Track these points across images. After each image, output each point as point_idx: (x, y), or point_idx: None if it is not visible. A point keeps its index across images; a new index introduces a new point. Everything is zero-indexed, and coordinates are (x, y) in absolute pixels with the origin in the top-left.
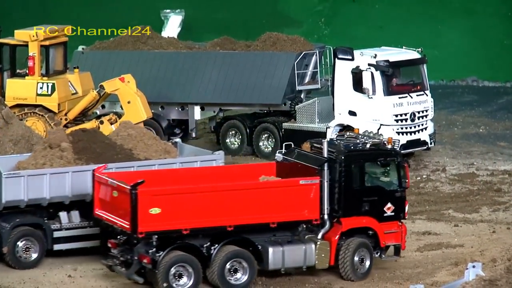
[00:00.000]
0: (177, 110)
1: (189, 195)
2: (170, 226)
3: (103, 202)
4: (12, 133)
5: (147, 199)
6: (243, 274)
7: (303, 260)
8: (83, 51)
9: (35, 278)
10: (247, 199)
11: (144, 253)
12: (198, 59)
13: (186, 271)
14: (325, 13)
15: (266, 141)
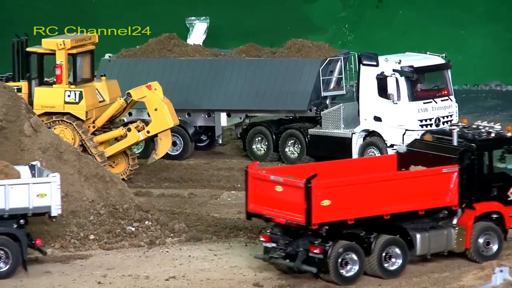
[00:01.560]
0: (203, 117)
1: (355, 186)
2: (338, 217)
3: (260, 197)
4: (40, 141)
5: (320, 192)
6: (397, 260)
7: (445, 245)
8: (110, 59)
9: (65, 285)
10: (402, 188)
11: (313, 244)
12: (224, 66)
13: (351, 259)
14: (349, 19)
15: (292, 147)
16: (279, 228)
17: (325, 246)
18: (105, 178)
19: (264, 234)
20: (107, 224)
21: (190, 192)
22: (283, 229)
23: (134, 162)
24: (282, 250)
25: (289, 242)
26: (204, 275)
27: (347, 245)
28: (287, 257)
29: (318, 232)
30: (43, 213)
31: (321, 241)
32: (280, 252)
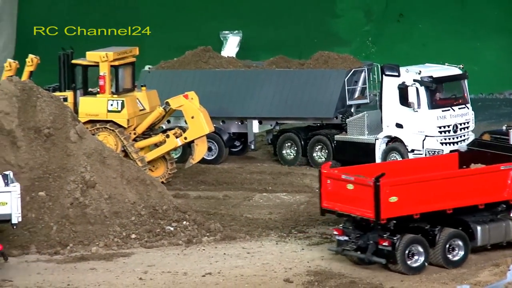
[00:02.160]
0: (237, 124)
1: (420, 183)
2: (404, 212)
3: (333, 195)
4: (85, 147)
5: (387, 190)
6: (459, 251)
7: (504, 236)
8: (150, 70)
9: (108, 281)
10: (463, 184)
11: (382, 237)
12: (256, 76)
13: (417, 251)
14: (372, 32)
15: (320, 152)
16: (350, 223)
17: (393, 239)
18: (145, 181)
19: (337, 228)
20: (148, 224)
21: (224, 194)
22: (354, 223)
23: (172, 166)
24: (353, 243)
25: (360, 236)
26: (238, 272)
27: (413, 238)
28: (358, 249)
29: (387, 226)
30: (6, 220)
31: (389, 235)
32: (352, 245)
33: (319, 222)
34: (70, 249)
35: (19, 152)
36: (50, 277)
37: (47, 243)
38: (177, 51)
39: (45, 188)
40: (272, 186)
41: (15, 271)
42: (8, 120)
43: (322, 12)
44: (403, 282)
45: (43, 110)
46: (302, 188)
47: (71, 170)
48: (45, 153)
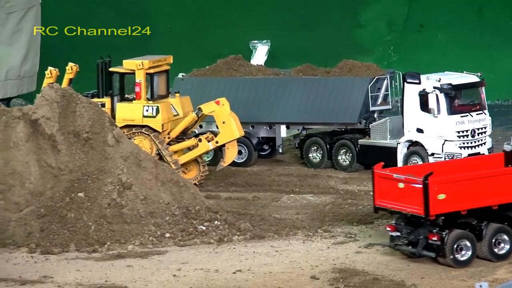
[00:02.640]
0: (265, 128)
1: (467, 181)
2: (452, 208)
3: (386, 193)
4: (122, 150)
5: (436, 187)
6: (505, 245)
7: None
8: (183, 77)
9: (144, 277)
10: (508, 182)
11: (432, 232)
12: (284, 84)
13: (465, 245)
14: (394, 42)
15: (344, 155)
16: (402, 219)
17: (442, 234)
18: (179, 183)
19: (389, 225)
20: (181, 224)
21: (254, 195)
22: (405, 220)
23: (204, 169)
24: (405, 238)
25: (411, 231)
26: (267, 269)
27: (461, 233)
28: (409, 244)
29: (436, 222)
30: None
31: (438, 230)
32: (403, 240)
33: (343, 222)
34: (108, 247)
35: (59, 155)
36: (88, 274)
37: (86, 242)
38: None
39: (84, 189)
40: (299, 187)
41: (56, 268)
42: (49, 124)
43: (347, 22)
44: (423, 279)
45: (82, 115)
46: (327, 190)
47: (109, 172)
48: (84, 156)
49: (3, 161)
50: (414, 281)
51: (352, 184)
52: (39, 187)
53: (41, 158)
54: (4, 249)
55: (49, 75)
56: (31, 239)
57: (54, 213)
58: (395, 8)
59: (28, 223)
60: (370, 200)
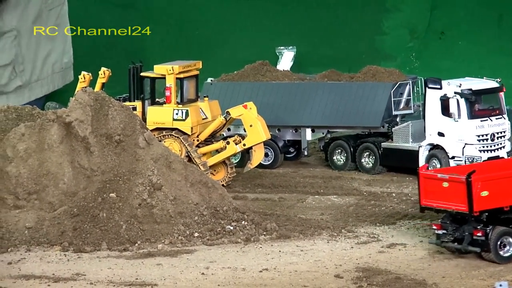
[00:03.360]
0: (291, 132)
1: (508, 179)
2: (495, 205)
3: (431, 193)
4: (153, 152)
5: (479, 185)
6: None
7: None
8: (212, 82)
9: (173, 275)
10: None
11: (476, 228)
12: (309, 88)
13: (508, 242)
14: (416, 48)
15: (367, 158)
16: (447, 217)
17: (486, 230)
18: (207, 184)
19: (435, 223)
20: (209, 224)
21: (280, 196)
22: (451, 217)
23: (232, 171)
24: (451, 235)
25: (456, 228)
26: (292, 268)
27: (505, 230)
28: (455, 241)
29: (480, 218)
30: None
31: (482, 226)
32: (449, 237)
33: (366, 223)
34: (138, 246)
35: (92, 156)
36: (119, 272)
37: (117, 240)
38: (236, 64)
39: (115, 190)
40: (324, 189)
41: (88, 266)
42: (82, 127)
43: (370, 29)
44: (444, 278)
45: (114, 118)
46: (351, 191)
47: (140, 174)
48: (115, 157)
49: (38, 163)
50: (435, 280)
51: (375, 186)
52: (72, 187)
53: (75, 160)
54: (38, 247)
55: (83, 79)
56: (64, 238)
57: (86, 212)
58: (417, 16)
59: (62, 223)
60: (392, 201)
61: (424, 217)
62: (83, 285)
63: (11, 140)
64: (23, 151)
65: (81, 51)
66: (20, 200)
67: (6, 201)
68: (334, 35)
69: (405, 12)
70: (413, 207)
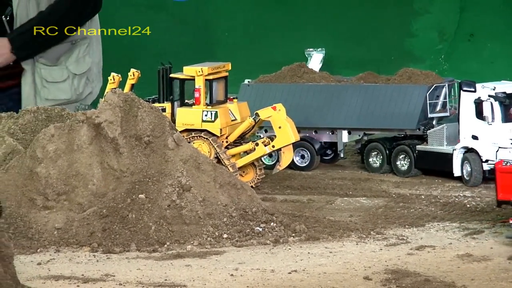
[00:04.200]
0: (328, 134)
1: None
2: None
3: (507, 187)
4: (182, 154)
5: None
6: None
7: None
8: (249, 84)
9: (202, 276)
10: None
11: None
12: (345, 90)
13: None
14: (445, 51)
15: (403, 160)
16: None
17: None
18: (236, 185)
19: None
20: (238, 225)
21: (308, 198)
22: None
23: (261, 172)
24: None
25: None
26: (321, 269)
27: None
28: None
29: None
30: None
31: None
32: None
33: (395, 225)
34: (167, 247)
35: (121, 157)
36: (149, 273)
37: (146, 242)
38: (266, 66)
39: (144, 191)
40: (353, 191)
41: (117, 267)
42: (111, 128)
43: (399, 31)
44: (473, 281)
45: (143, 119)
46: (380, 193)
47: (169, 175)
48: (145, 159)
49: (67, 163)
50: (464, 283)
51: (404, 188)
52: (102, 188)
53: (104, 161)
54: (67, 248)
55: (112, 80)
56: (93, 238)
57: (115, 213)
58: (446, 18)
59: (91, 223)
60: (421, 203)
61: (452, 220)
62: (112, 286)
63: (41, 141)
64: (53, 152)
65: (109, 52)
66: (49, 201)
67: (36, 201)
68: (363, 37)
69: (434, 14)
70: (442, 209)
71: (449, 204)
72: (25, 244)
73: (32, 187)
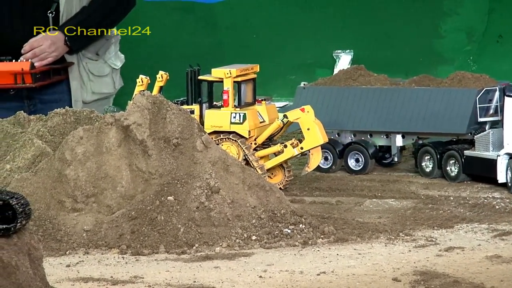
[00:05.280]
0: (382, 137)
1: None
2: None
3: None
4: (210, 156)
5: None
6: None
7: None
8: (304, 86)
9: (231, 278)
10: None
11: None
12: (397, 94)
13: None
14: (473, 52)
15: (453, 166)
16: None
17: None
18: (265, 187)
19: None
20: (267, 227)
21: (337, 199)
22: None
23: (289, 174)
24: None
25: None
26: (350, 271)
27: None
28: None
29: None
30: None
31: None
32: None
33: (424, 226)
34: (196, 249)
35: (150, 160)
36: (177, 274)
37: (175, 243)
38: (296, 68)
39: (173, 193)
40: (381, 192)
41: (146, 268)
42: (140, 130)
43: (427, 33)
44: (502, 282)
45: (172, 121)
46: (408, 195)
47: (197, 177)
48: (173, 161)
49: (96, 166)
50: (493, 284)
51: (433, 189)
52: (130, 190)
53: (132, 163)
54: (96, 250)
55: (140, 83)
56: (122, 240)
57: (144, 215)
58: (474, 19)
59: (120, 225)
60: (449, 205)
61: (481, 221)
62: None
63: (70, 143)
64: (82, 154)
65: (138, 54)
66: (78, 203)
67: (65, 204)
68: (391, 38)
69: (463, 15)
70: (471, 210)
71: (478, 206)
72: (54, 246)
73: (61, 190)
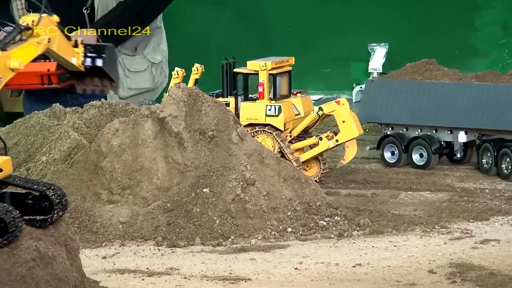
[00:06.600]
0: (446, 133)
1: None
2: None
3: None
4: (246, 148)
5: None
6: None
7: None
8: (373, 79)
9: (267, 270)
10: None
11: None
12: (461, 89)
13: None
14: (509, 45)
15: (506, 163)
16: None
17: None
18: (300, 179)
19: None
20: (302, 219)
21: (372, 192)
22: None
23: (325, 167)
24: None
25: None
26: (385, 263)
27: None
28: None
29: None
30: None
31: None
32: None
33: (460, 219)
34: (232, 241)
35: (185, 152)
36: (213, 266)
37: (211, 235)
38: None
39: (209, 185)
40: (416, 185)
41: (182, 260)
42: (176, 123)
43: (462, 26)
44: None
45: (207, 114)
46: (444, 187)
47: (233, 169)
48: (209, 153)
49: (131, 158)
50: None
51: (468, 182)
52: (166, 182)
53: (168, 155)
54: (132, 242)
55: (176, 75)
56: (158, 232)
57: (180, 207)
58: (509, 12)
59: (155, 217)
60: (485, 197)
61: None
62: (176, 280)
63: (106, 135)
64: (117, 147)
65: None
66: (114, 195)
67: (101, 196)
68: (426, 31)
69: (498, 8)
70: (506, 203)
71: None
72: (90, 238)
73: (96, 182)
